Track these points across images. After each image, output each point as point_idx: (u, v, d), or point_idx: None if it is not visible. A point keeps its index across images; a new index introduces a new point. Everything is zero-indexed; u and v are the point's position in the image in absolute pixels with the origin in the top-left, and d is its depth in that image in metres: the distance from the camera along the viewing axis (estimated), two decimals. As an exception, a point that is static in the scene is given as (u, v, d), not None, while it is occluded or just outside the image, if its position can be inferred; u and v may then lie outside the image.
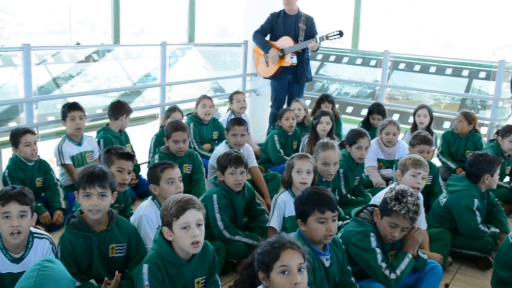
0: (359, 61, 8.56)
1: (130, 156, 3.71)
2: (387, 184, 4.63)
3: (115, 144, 4.61)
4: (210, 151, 5.30)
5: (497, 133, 5.32)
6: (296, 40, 6.22)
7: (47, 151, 4.84)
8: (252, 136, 6.18)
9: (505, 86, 6.49)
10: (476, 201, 3.80)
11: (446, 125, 7.10)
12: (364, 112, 6.42)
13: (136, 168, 5.00)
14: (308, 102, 7.13)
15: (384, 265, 2.97)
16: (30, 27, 8.02)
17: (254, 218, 3.87)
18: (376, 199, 3.49)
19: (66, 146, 4.63)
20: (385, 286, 2.95)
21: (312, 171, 3.64)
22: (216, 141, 5.69)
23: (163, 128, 4.85)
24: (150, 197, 3.38)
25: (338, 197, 4.26)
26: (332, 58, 8.75)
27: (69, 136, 4.68)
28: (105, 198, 2.87)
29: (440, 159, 5.71)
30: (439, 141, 5.86)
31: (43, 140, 5.20)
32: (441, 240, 3.75)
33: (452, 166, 5.54)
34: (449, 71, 7.86)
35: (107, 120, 5.14)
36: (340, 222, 3.66)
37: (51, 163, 4.53)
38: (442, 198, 3.98)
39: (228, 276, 3.52)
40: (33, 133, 4.26)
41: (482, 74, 7.63)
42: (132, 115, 5.28)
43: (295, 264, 2.19)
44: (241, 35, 7.28)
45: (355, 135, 4.43)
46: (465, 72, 7.75)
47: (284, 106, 6.39)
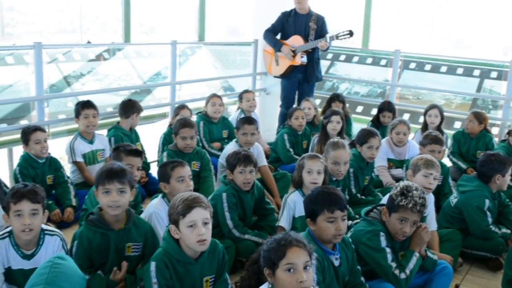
0: (370, 61, 8.53)
1: (138, 153, 3.74)
2: (397, 184, 4.62)
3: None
4: (220, 150, 5.32)
5: (509, 134, 5.29)
6: (307, 39, 6.19)
7: (58, 149, 4.88)
8: (262, 135, 6.19)
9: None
10: (487, 202, 3.77)
11: (457, 125, 7.07)
12: (374, 112, 6.40)
13: (146, 166, 5.03)
14: (318, 101, 7.12)
15: (394, 265, 2.96)
16: (41, 26, 8.06)
17: (264, 217, 3.88)
18: (386, 199, 3.47)
19: (78, 144, 4.65)
20: (395, 286, 2.94)
21: (323, 171, 3.63)
22: (226, 140, 5.70)
23: (172, 127, 4.87)
24: (160, 195, 3.39)
25: (348, 197, 4.25)
26: (343, 57, 8.73)
27: (81, 134, 4.71)
28: (124, 194, 2.89)
29: (451, 159, 5.68)
30: (449, 141, 5.83)
31: (54, 138, 5.24)
32: (452, 241, 3.72)
33: (463, 166, 5.51)
34: (460, 71, 7.83)
35: (118, 119, 5.17)
36: (350, 222, 3.64)
37: (62, 161, 4.56)
38: (453, 199, 3.96)
39: (237, 275, 3.51)
40: (43, 131, 4.29)
41: (494, 74, 7.59)
42: (143, 114, 5.31)
43: (301, 262, 2.19)
44: (251, 34, 7.29)
45: (366, 135, 4.43)
46: (477, 72, 7.71)
47: (294, 105, 6.39)
